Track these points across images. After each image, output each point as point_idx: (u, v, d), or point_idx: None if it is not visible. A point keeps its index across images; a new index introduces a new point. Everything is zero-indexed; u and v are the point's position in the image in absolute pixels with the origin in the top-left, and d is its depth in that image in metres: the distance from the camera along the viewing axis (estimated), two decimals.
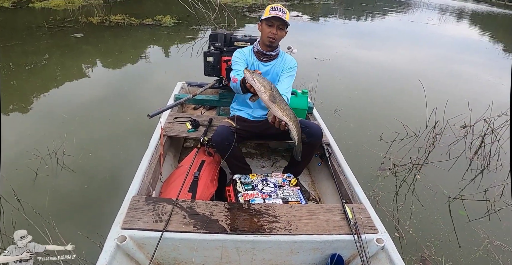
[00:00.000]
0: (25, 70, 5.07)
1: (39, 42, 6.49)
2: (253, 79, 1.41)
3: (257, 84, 1.41)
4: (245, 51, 1.97)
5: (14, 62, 5.38)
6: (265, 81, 1.42)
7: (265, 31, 1.83)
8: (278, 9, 1.78)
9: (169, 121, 2.28)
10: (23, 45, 6.23)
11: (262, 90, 1.42)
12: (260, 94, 1.43)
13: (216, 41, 2.49)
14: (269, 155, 2.57)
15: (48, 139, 2.91)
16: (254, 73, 1.43)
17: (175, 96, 2.65)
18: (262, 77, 1.43)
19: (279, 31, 1.81)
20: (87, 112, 3.58)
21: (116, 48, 6.42)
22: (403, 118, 3.74)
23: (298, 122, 1.53)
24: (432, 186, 2.70)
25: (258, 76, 1.42)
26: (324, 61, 6.17)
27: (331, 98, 4.28)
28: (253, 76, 1.41)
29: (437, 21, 14.60)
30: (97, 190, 2.41)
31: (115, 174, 2.56)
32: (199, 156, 1.96)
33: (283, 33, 1.85)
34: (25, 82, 4.53)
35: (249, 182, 1.83)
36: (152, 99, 3.94)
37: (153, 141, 2.02)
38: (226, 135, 1.75)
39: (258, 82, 1.41)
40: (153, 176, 1.78)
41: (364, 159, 3.00)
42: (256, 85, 1.41)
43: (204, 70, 2.56)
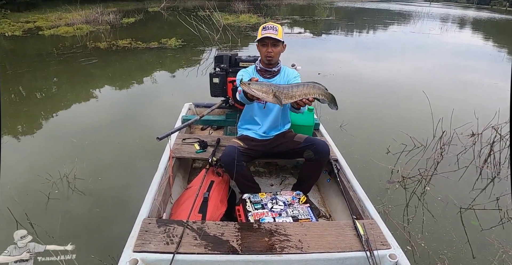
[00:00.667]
0: (35, 95, 5.25)
1: (48, 68, 6.73)
2: (252, 90, 1.46)
3: (257, 93, 1.47)
4: (249, 70, 2.04)
5: (25, 87, 5.58)
6: (263, 87, 1.47)
7: (261, 51, 1.90)
8: (269, 28, 1.84)
9: (177, 142, 2.33)
10: (33, 72, 6.47)
11: (265, 96, 1.48)
12: (265, 99, 1.51)
13: (221, 62, 2.57)
14: (278, 173, 2.59)
15: (59, 163, 2.97)
16: (250, 83, 1.47)
17: (183, 117, 2.71)
18: (258, 84, 1.48)
19: (274, 48, 1.86)
20: (96, 136, 3.66)
21: (123, 72, 6.61)
22: (410, 130, 3.74)
23: (313, 86, 1.57)
24: (442, 197, 2.68)
25: (254, 84, 1.47)
26: (328, 76, 6.25)
27: (336, 113, 4.28)
28: (250, 88, 1.46)
29: (439, 30, 14.72)
30: (108, 213, 2.44)
31: (125, 197, 2.59)
32: (208, 176, 1.99)
33: (279, 49, 1.89)
34: (35, 107, 4.68)
35: (258, 201, 1.84)
36: (160, 120, 4.02)
37: (162, 163, 2.06)
38: (234, 156, 1.79)
39: (257, 90, 1.47)
40: (163, 198, 1.81)
41: (372, 173, 2.99)
42: (257, 95, 1.48)
43: (210, 91, 2.63)
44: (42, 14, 15.80)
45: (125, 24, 13.36)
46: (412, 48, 10.41)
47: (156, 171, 1.98)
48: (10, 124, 4.06)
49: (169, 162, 1.99)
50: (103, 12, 14.19)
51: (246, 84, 1.47)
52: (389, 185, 2.82)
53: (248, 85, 1.46)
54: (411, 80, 6.54)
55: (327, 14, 19.46)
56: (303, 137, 1.96)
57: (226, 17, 13.94)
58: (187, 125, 2.11)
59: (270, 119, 2.03)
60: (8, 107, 4.61)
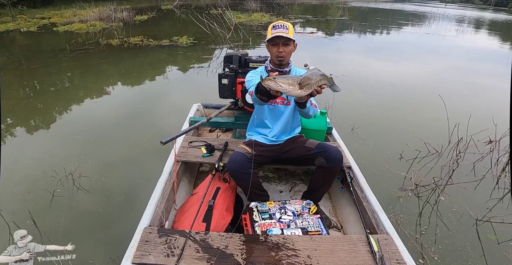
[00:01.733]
0: (45, 91, 5.26)
1: (60, 64, 6.76)
2: (278, 84, 1.31)
3: (284, 86, 1.32)
4: (259, 71, 1.95)
5: (39, 82, 5.59)
6: (289, 79, 1.33)
7: (272, 51, 1.80)
8: (279, 27, 1.74)
9: (184, 145, 2.25)
10: (46, 67, 6.48)
11: (291, 89, 1.34)
12: (291, 93, 1.36)
13: (231, 63, 2.48)
14: (287, 179, 2.48)
15: (66, 160, 2.95)
16: (275, 77, 1.33)
17: (190, 119, 2.63)
18: (283, 77, 1.34)
19: (285, 48, 1.77)
20: (103, 133, 3.62)
21: (133, 69, 6.57)
22: (424, 135, 3.59)
23: (318, 72, 1.49)
24: (457, 208, 2.54)
25: (280, 78, 1.33)
26: (340, 77, 6.10)
27: (348, 116, 4.18)
28: (276, 82, 1.31)
29: (454, 32, 14.35)
30: (110, 214, 2.38)
31: (129, 198, 2.53)
32: (214, 182, 1.91)
33: (290, 48, 1.79)
34: (44, 103, 4.67)
35: (266, 210, 1.75)
36: (168, 120, 3.97)
37: (167, 167, 1.99)
38: (241, 163, 1.70)
39: (284, 84, 1.32)
40: (166, 205, 1.73)
41: (384, 180, 2.87)
42: (283, 89, 1.33)
43: (219, 92, 2.55)
44: (58, 11, 15.99)
45: (138, 21, 13.38)
46: (427, 50, 10.15)
47: (160, 176, 1.90)
48: (16, 120, 4.05)
49: (174, 167, 1.90)
50: (116, 10, 14.24)
51: (271, 79, 1.32)
52: (402, 193, 2.70)
53: (274, 79, 1.32)
54: (426, 83, 6.33)
55: (340, 14, 19.20)
56: (314, 143, 1.86)
57: (238, 16, 13.85)
58: (193, 128, 2.03)
59: (281, 122, 1.94)
60: (17, 103, 4.61)
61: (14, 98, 4.84)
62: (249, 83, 1.86)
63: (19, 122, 4.03)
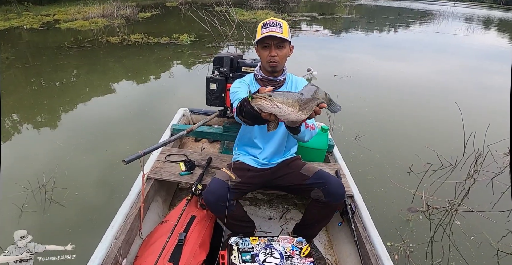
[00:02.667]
0: (33, 90, 4.96)
1: (54, 62, 6.45)
2: (275, 105, 0.92)
3: (283, 108, 0.93)
4: (246, 80, 1.58)
5: (24, 83, 5.31)
6: (289, 98, 0.94)
7: (262, 55, 1.43)
8: (271, 25, 1.37)
9: (160, 159, 1.93)
10: (40, 66, 6.20)
11: (291, 112, 0.95)
12: (289, 117, 0.97)
13: (221, 65, 2.17)
14: (279, 203, 2.15)
15: (42, 169, 2.67)
16: (271, 95, 0.93)
17: (173, 126, 2.31)
18: (282, 95, 0.94)
19: (279, 51, 1.40)
20: (85, 139, 3.32)
21: (129, 69, 6.24)
22: (436, 145, 3.25)
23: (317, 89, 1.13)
24: (476, 235, 2.19)
25: (278, 96, 0.94)
26: (345, 78, 5.73)
27: (352, 122, 3.81)
28: (273, 102, 0.92)
29: (465, 31, 13.81)
30: (80, 235, 2.08)
31: (103, 215, 2.22)
32: (189, 209, 1.59)
33: (285, 52, 1.42)
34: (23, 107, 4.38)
35: (248, 249, 1.43)
36: (157, 125, 3.58)
37: (136, 187, 1.67)
38: (221, 193, 1.37)
39: (284, 105, 0.93)
40: (127, 237, 1.42)
41: (391, 198, 2.52)
42: (282, 111, 0.93)
43: (206, 99, 2.24)
44: (63, 8, 15.74)
45: (141, 18, 13.06)
46: (438, 49, 9.66)
47: (125, 199, 1.59)
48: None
49: (141, 191, 1.57)
50: (120, 7, 13.95)
51: (266, 98, 0.92)
52: (411, 215, 2.35)
53: (270, 98, 0.92)
54: (438, 85, 5.89)
55: (347, 12, 18.67)
56: (312, 170, 1.53)
57: (243, 13, 13.46)
58: (166, 143, 1.68)
59: (275, 142, 1.59)
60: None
61: None
62: (234, 96, 1.48)
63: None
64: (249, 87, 1.54)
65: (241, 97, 1.41)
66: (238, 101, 1.35)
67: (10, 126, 3.77)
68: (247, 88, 1.51)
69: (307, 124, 1.38)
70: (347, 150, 2.21)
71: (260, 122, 1.08)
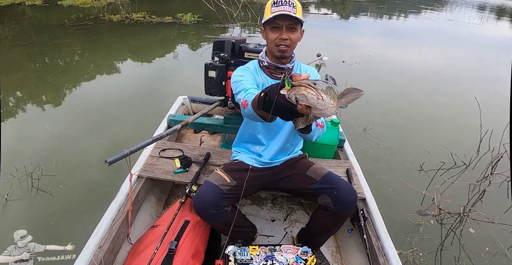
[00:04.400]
0: (31, 69, 4.73)
1: (52, 41, 6.18)
2: (320, 96, 0.74)
3: (326, 101, 0.75)
4: (250, 68, 1.36)
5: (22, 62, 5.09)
6: (332, 89, 0.77)
7: (270, 38, 1.22)
8: (283, 3, 1.15)
9: (153, 154, 1.75)
10: (31, 46, 5.93)
11: (331, 105, 0.77)
12: (325, 111, 0.78)
13: (221, 51, 1.95)
14: (283, 202, 1.97)
15: (29, 155, 2.51)
16: (316, 84, 0.75)
17: (169, 117, 2.12)
18: (327, 85, 0.77)
19: (291, 34, 1.20)
20: (78, 124, 3.12)
21: (130, 50, 5.98)
22: (449, 142, 3.05)
23: None
24: (491, 247, 1.99)
25: (324, 85, 0.76)
26: (354, 65, 5.45)
27: (360, 113, 3.59)
28: (318, 93, 0.73)
29: (479, 20, 13.21)
30: (64, 229, 1.92)
31: (88, 211, 2.06)
32: (182, 213, 1.42)
33: (297, 35, 1.22)
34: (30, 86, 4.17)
35: (246, 261, 1.26)
36: (156, 110, 3.39)
37: (124, 188, 1.50)
38: (212, 200, 1.20)
39: (328, 96, 0.75)
40: (111, 246, 1.26)
41: (400, 200, 2.33)
42: (324, 104, 0.75)
43: (205, 88, 2.03)
44: None
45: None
46: (451, 38, 9.21)
47: (112, 201, 1.42)
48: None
49: (129, 194, 1.39)
50: None
51: (310, 86, 0.73)
52: (421, 219, 2.16)
53: (315, 87, 0.74)
54: (452, 77, 5.52)
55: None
56: (320, 173, 1.33)
57: None
58: (156, 140, 1.47)
59: (281, 139, 1.40)
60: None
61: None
62: (237, 86, 1.26)
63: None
64: (254, 76, 1.33)
65: (246, 87, 1.19)
66: (250, 94, 1.14)
67: None
68: (251, 77, 1.30)
69: (317, 122, 1.19)
70: (355, 144, 2.02)
71: (290, 117, 0.85)
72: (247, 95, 1.11)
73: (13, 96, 3.85)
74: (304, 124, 0.86)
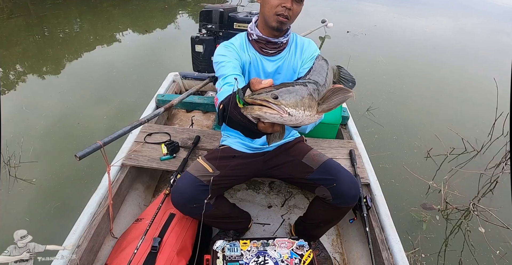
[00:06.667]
0: None
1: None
2: (286, 112, 0.59)
3: (297, 115, 0.61)
4: (236, 44, 1.18)
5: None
6: (304, 96, 0.62)
7: (271, 3, 1.03)
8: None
9: (139, 139, 1.62)
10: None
11: (307, 116, 0.63)
12: (303, 123, 0.65)
13: (209, 21, 1.80)
14: (281, 186, 1.87)
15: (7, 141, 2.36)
16: (278, 97, 0.59)
17: (157, 97, 1.96)
18: (294, 94, 0.61)
19: (296, 5, 1.04)
20: (58, 107, 2.89)
21: (120, 21, 5.64)
22: (459, 125, 2.89)
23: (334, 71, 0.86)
24: (503, 248, 1.85)
25: (289, 96, 0.60)
26: (359, 36, 5.16)
27: (364, 90, 3.39)
28: (281, 108, 0.58)
29: None
30: (37, 227, 1.80)
31: (66, 205, 1.91)
32: (166, 206, 1.32)
33: (301, 8, 1.08)
34: None
35: (236, 257, 1.17)
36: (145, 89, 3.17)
37: (106, 179, 1.38)
38: (189, 193, 1.10)
39: (298, 108, 0.60)
40: (90, 245, 1.16)
41: (403, 192, 2.20)
42: (295, 119, 0.61)
43: (192, 64, 1.90)
44: None
45: None
46: (471, 7, 8.58)
47: (93, 195, 1.30)
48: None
49: (108, 190, 1.27)
50: None
51: (268, 102, 0.58)
52: (426, 214, 2.02)
53: (276, 102, 0.58)
54: (468, 52, 5.15)
55: None
56: (318, 160, 1.21)
57: None
58: (132, 129, 1.30)
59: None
60: None
61: None
62: (217, 69, 1.11)
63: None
64: (239, 54, 1.13)
65: (226, 73, 1.05)
66: (222, 80, 1.02)
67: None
68: (235, 56, 1.12)
69: None
70: (357, 125, 1.85)
71: (254, 136, 0.73)
72: (222, 88, 0.99)
73: None
74: (280, 139, 0.73)
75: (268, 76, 1.18)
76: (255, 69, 1.17)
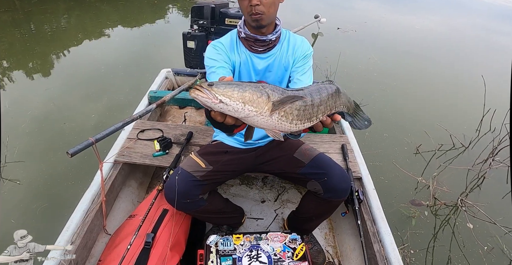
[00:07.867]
0: None
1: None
2: (216, 98, 0.63)
3: (233, 105, 0.64)
4: (225, 43, 1.18)
5: None
6: (246, 90, 0.65)
7: (242, 5, 1.05)
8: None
9: (132, 136, 1.62)
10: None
11: (252, 112, 0.66)
12: (255, 121, 0.68)
13: (201, 17, 1.80)
14: (274, 181, 1.90)
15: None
16: (213, 87, 0.64)
17: (150, 94, 1.95)
18: (233, 85, 0.65)
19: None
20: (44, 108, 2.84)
21: (111, 17, 5.57)
22: (448, 121, 2.95)
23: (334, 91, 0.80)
24: (490, 243, 1.90)
25: (223, 86, 0.64)
26: (349, 33, 5.20)
27: (355, 86, 3.42)
28: (211, 93, 0.63)
29: None
30: None
31: (54, 207, 1.88)
32: (159, 201, 1.33)
33: None
34: None
35: (229, 251, 1.19)
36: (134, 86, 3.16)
37: (99, 176, 1.37)
38: (183, 189, 1.12)
39: (232, 99, 0.64)
40: (83, 242, 1.17)
41: (393, 188, 2.24)
42: (232, 109, 0.64)
43: (184, 60, 1.90)
44: None
45: None
46: (461, 4, 8.71)
47: (85, 192, 1.30)
48: None
49: (101, 187, 1.27)
50: None
51: (202, 87, 0.64)
52: (415, 210, 2.07)
53: (208, 88, 0.63)
54: (461, 51, 5.26)
55: None
56: (309, 154, 1.24)
57: None
58: (131, 121, 1.33)
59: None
60: None
61: None
62: (208, 73, 1.13)
63: None
64: (229, 54, 1.14)
65: (217, 73, 1.08)
66: None
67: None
68: (224, 59, 1.14)
69: None
70: (347, 124, 1.87)
71: (226, 130, 0.81)
72: None
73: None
74: (250, 138, 0.79)
75: (258, 74, 1.20)
76: (246, 68, 1.19)
